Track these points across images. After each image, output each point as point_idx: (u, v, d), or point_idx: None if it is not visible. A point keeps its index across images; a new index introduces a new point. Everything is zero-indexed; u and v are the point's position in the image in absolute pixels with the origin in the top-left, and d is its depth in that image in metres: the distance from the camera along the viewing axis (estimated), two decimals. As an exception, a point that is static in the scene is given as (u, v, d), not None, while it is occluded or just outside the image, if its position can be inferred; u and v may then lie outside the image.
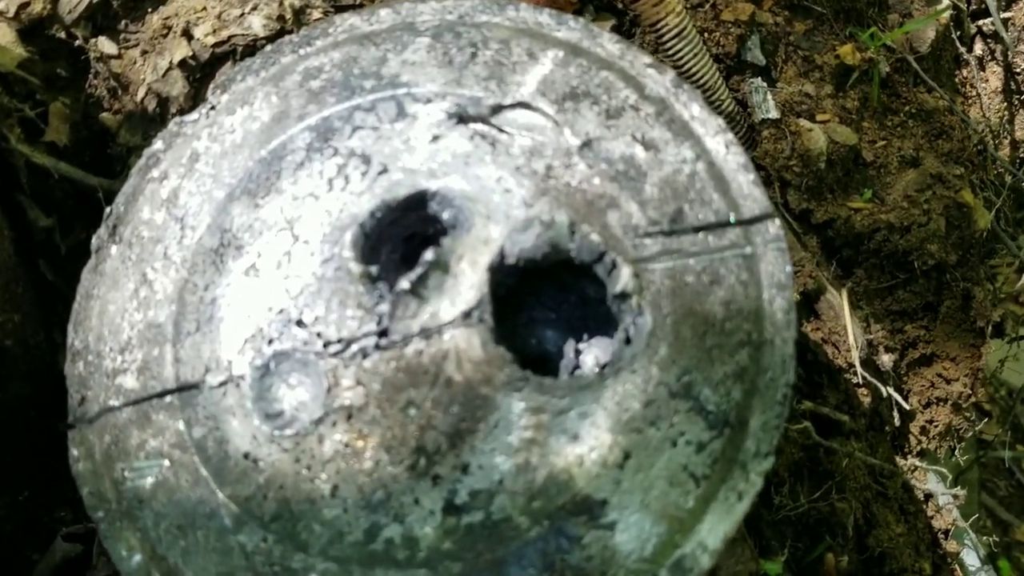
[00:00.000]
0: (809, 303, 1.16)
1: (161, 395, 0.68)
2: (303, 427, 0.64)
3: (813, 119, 1.17)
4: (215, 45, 1.01)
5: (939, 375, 1.22)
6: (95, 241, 0.75)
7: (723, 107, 1.13)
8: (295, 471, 0.64)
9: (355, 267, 0.66)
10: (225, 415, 0.66)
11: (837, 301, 1.15)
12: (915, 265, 1.16)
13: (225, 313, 0.68)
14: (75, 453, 0.71)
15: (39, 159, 1.01)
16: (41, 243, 1.05)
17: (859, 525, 1.11)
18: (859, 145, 1.18)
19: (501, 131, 0.70)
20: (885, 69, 1.22)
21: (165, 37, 1.03)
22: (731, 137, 0.71)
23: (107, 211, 0.75)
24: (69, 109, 1.04)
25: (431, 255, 0.64)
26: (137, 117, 1.04)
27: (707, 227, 0.68)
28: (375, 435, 0.63)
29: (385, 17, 0.77)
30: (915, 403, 1.22)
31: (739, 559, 0.97)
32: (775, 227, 0.68)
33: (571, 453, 0.63)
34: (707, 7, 1.18)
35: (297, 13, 1.02)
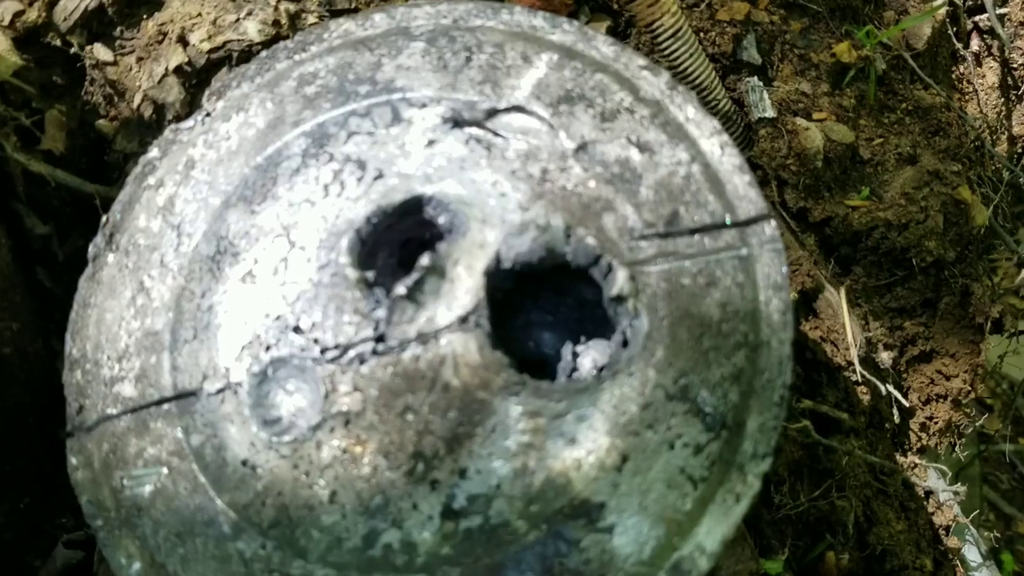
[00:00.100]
0: (807, 301, 1.16)
1: (159, 403, 0.68)
2: (301, 433, 0.64)
3: (810, 117, 1.17)
4: (211, 51, 1.00)
5: (939, 371, 1.22)
6: (92, 249, 0.75)
7: (719, 107, 1.13)
8: (293, 477, 0.64)
9: (351, 273, 0.66)
10: (223, 422, 0.66)
11: (835, 299, 1.15)
12: (913, 262, 1.16)
13: (222, 320, 0.68)
14: (74, 461, 0.71)
15: (36, 167, 1.00)
16: (39, 251, 1.05)
17: (859, 523, 1.11)
18: (856, 143, 1.18)
19: (496, 135, 0.70)
20: (881, 66, 1.22)
21: (160, 43, 1.02)
22: (726, 139, 0.71)
23: (104, 219, 0.75)
24: (65, 116, 1.04)
25: (427, 260, 0.64)
26: (134, 124, 1.04)
27: (703, 229, 0.68)
28: (373, 441, 0.63)
29: (380, 22, 0.77)
30: (915, 400, 1.21)
31: (739, 558, 0.97)
32: (771, 228, 0.68)
33: (569, 457, 0.63)
34: (703, 7, 1.18)
35: (292, 18, 1.02)
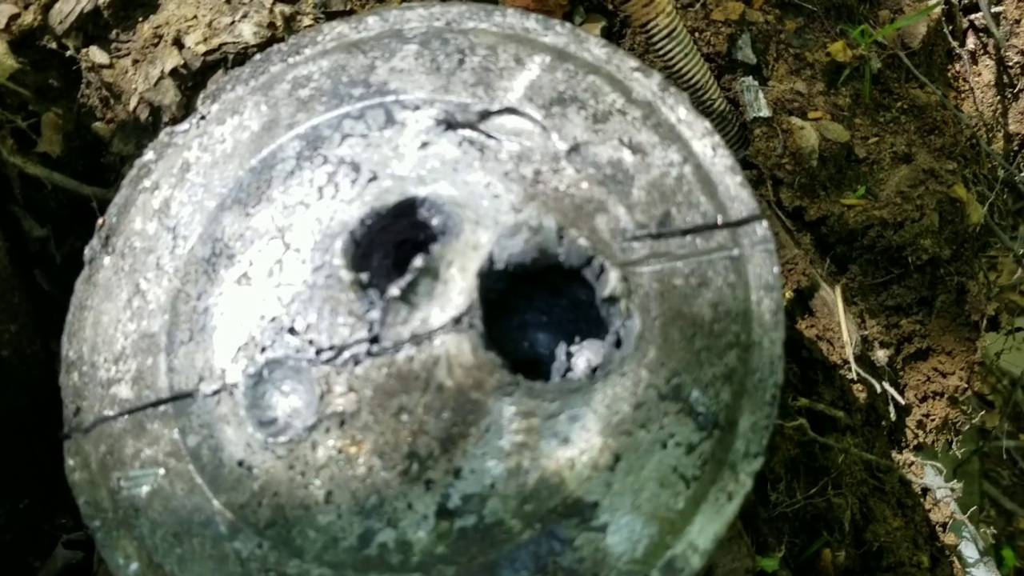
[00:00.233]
0: (803, 300, 1.16)
1: (155, 404, 0.69)
2: (296, 434, 0.65)
3: (805, 117, 1.17)
4: (206, 53, 1.01)
5: (935, 369, 1.22)
6: (88, 252, 0.75)
7: (715, 106, 1.13)
8: (289, 478, 0.65)
9: (346, 275, 0.66)
10: (219, 423, 0.67)
11: (831, 297, 1.16)
12: (909, 260, 1.16)
13: (218, 322, 0.69)
14: (71, 463, 0.71)
15: (32, 170, 1.01)
16: (36, 253, 1.05)
17: (856, 520, 1.11)
18: (851, 142, 1.18)
19: (489, 137, 0.70)
20: (876, 65, 1.22)
21: (156, 46, 1.03)
22: (718, 139, 0.71)
23: (99, 222, 0.76)
24: (62, 119, 1.04)
25: (420, 262, 0.65)
26: (130, 126, 1.04)
27: (695, 230, 0.68)
28: (368, 441, 0.64)
29: (373, 25, 0.77)
30: (911, 397, 1.22)
31: (736, 556, 0.98)
32: (763, 229, 0.68)
33: (562, 456, 0.63)
34: (697, 7, 1.18)
35: (287, 21, 1.02)
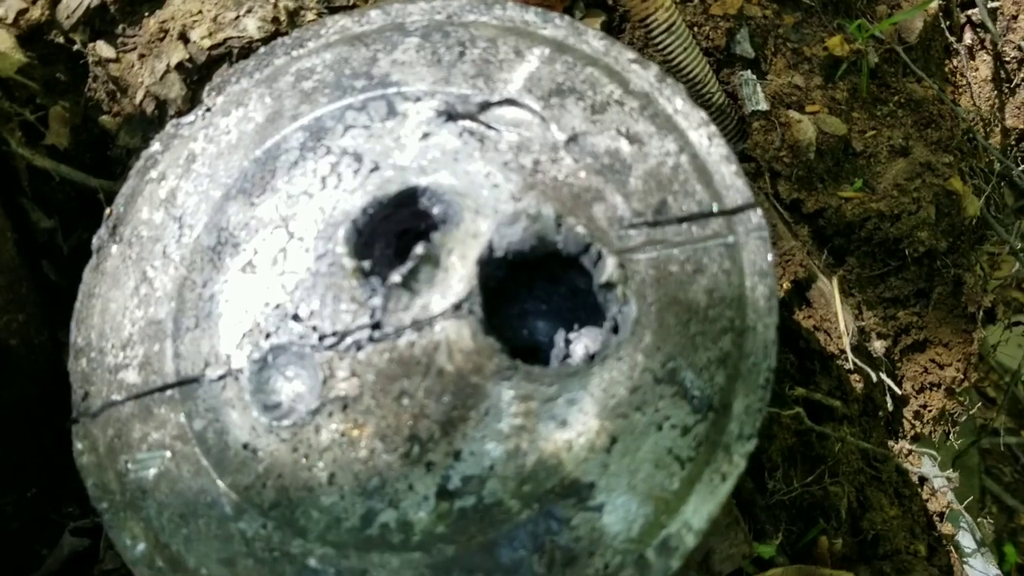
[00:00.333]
0: (800, 291, 1.17)
1: (162, 389, 0.70)
2: (300, 417, 0.66)
3: (803, 110, 1.18)
4: (211, 48, 1.02)
5: (932, 360, 1.23)
6: (96, 241, 0.77)
7: (713, 100, 1.15)
8: (293, 460, 0.66)
9: (348, 262, 0.68)
10: (224, 407, 0.68)
11: (828, 289, 1.17)
12: (906, 252, 1.17)
13: (223, 309, 0.70)
14: (79, 447, 0.73)
15: (40, 162, 1.02)
16: (44, 244, 1.06)
17: (853, 508, 1.12)
18: (849, 135, 1.19)
19: (489, 128, 0.72)
20: (874, 60, 1.23)
21: (162, 40, 1.04)
22: (714, 129, 0.72)
23: (107, 211, 0.77)
24: (69, 112, 1.06)
25: (421, 249, 0.66)
26: (136, 119, 1.06)
27: (690, 217, 0.69)
28: (370, 424, 0.65)
29: (375, 18, 0.79)
30: (909, 388, 1.23)
31: (733, 543, 0.99)
32: (757, 216, 0.70)
33: (560, 438, 0.65)
34: (696, 2, 1.19)
35: (291, 15, 1.04)
